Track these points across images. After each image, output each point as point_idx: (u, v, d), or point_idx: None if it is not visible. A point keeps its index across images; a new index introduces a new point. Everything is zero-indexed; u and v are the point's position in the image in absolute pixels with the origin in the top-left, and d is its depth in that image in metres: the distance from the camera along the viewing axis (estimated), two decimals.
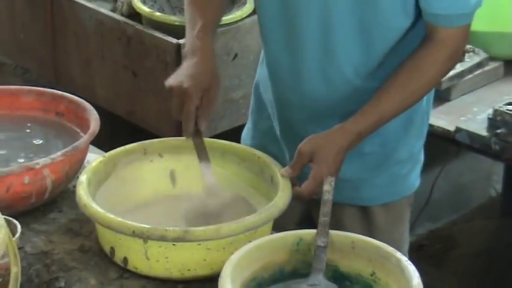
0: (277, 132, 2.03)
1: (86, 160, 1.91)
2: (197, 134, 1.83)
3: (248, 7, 3.08)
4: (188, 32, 1.91)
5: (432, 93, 2.02)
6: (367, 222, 2.02)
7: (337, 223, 1.83)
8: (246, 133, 2.16)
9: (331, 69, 1.88)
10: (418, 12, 1.82)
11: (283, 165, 1.82)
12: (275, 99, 2.01)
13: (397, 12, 1.81)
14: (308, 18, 1.84)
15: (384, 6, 1.79)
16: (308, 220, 1.94)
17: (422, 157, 2.07)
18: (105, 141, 1.99)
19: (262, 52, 2.05)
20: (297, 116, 1.96)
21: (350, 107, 1.84)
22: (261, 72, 2.07)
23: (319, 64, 1.88)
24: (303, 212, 1.96)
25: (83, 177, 1.75)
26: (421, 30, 1.84)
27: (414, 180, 2.06)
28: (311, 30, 1.85)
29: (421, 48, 1.83)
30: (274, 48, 1.95)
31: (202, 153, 1.83)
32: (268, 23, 1.93)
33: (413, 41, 1.84)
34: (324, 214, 1.62)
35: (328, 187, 1.68)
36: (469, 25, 1.84)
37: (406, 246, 2.11)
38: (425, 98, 1.95)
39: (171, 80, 1.83)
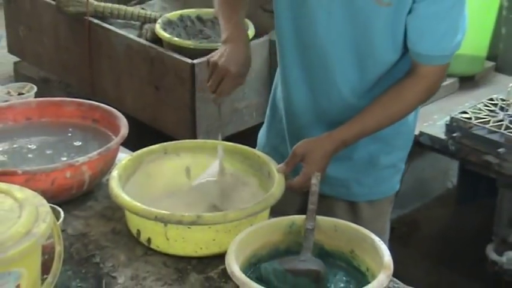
0: (286, 135, 2.01)
1: (117, 158, 1.91)
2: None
3: (250, 33, 3.08)
4: (225, 23, 1.86)
5: (418, 112, 1.98)
6: (354, 215, 1.99)
7: (329, 213, 1.82)
8: (262, 133, 2.13)
9: (332, 89, 1.86)
10: (405, 49, 1.79)
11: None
12: (286, 109, 1.98)
13: (388, 48, 1.78)
14: (315, 48, 1.82)
15: (377, 43, 1.77)
16: (305, 208, 1.95)
17: (403, 166, 2.02)
18: (132, 143, 1.99)
19: (278, 73, 2.02)
20: (304, 123, 1.93)
21: (346, 119, 1.82)
22: (277, 88, 2.04)
23: (323, 84, 1.86)
24: (301, 202, 1.96)
25: (115, 173, 1.75)
26: (406, 62, 1.81)
27: (395, 184, 2.02)
28: (317, 58, 1.83)
29: (404, 78, 1.79)
30: (289, 71, 1.92)
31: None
32: (285, 49, 1.90)
33: (400, 70, 1.81)
34: (312, 202, 1.61)
35: (315, 181, 1.67)
36: (447, 64, 1.80)
37: (387, 235, 2.08)
38: (412, 117, 1.93)
39: (218, 59, 1.77)
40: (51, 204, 1.46)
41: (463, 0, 1.73)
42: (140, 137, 2.18)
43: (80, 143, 1.96)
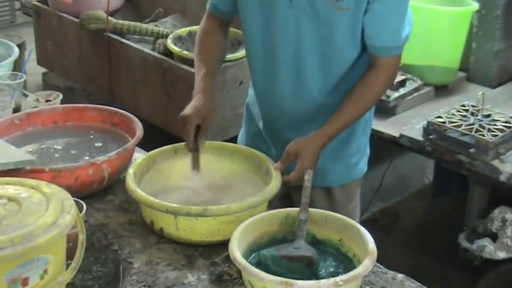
0: (264, 135, 2.01)
1: (133, 158, 1.90)
2: (196, 149, 1.80)
3: None
4: (196, 77, 1.89)
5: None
6: (329, 199, 2.01)
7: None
8: (241, 136, 2.14)
9: (301, 90, 1.87)
10: (363, 47, 1.81)
11: (270, 157, 1.82)
12: (261, 113, 1.99)
13: (349, 47, 1.80)
14: (284, 54, 1.83)
15: (339, 42, 1.79)
16: (286, 198, 1.95)
17: (368, 150, 2.05)
18: (147, 144, 1.98)
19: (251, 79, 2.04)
20: (279, 124, 1.94)
21: (316, 116, 1.84)
22: (250, 93, 2.06)
23: (293, 87, 1.87)
24: (284, 192, 1.95)
25: (131, 170, 1.75)
26: (364, 60, 1.83)
27: (362, 167, 2.04)
28: (286, 63, 1.84)
29: (367, 73, 1.82)
30: (259, 76, 1.93)
31: (195, 164, 1.81)
32: (254, 58, 1.91)
33: (358, 68, 1.84)
34: (305, 196, 1.61)
35: (307, 177, 1.67)
36: (400, 54, 1.85)
37: (357, 216, 2.09)
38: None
39: (188, 115, 1.79)
40: (75, 198, 1.46)
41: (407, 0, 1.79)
42: (154, 138, 2.18)
43: (101, 144, 1.96)
